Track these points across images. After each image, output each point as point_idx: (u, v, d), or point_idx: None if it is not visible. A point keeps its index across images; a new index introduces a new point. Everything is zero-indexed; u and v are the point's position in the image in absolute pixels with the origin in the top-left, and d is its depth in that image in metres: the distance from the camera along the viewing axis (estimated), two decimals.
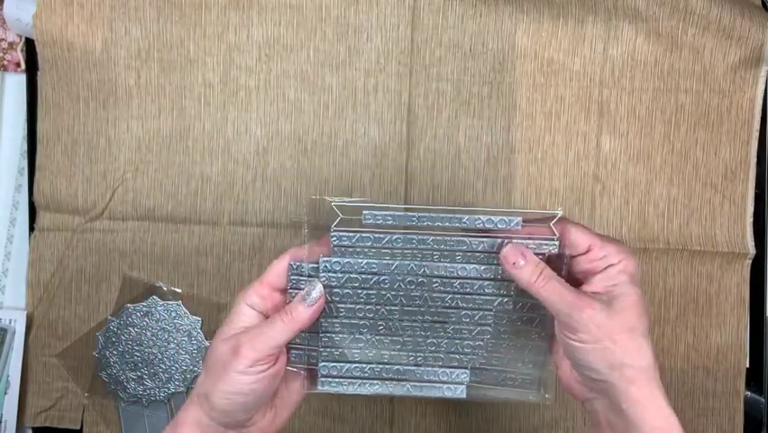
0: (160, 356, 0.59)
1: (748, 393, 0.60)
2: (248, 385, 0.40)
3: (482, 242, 0.42)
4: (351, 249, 0.43)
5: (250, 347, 0.40)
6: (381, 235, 0.43)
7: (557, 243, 0.41)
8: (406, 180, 0.60)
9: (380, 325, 0.44)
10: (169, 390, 0.59)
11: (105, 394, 0.60)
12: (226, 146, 0.60)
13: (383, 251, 0.43)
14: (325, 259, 0.43)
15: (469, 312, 0.44)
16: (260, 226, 0.60)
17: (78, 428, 0.60)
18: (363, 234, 0.43)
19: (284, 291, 0.43)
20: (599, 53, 0.59)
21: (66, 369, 0.60)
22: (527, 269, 0.40)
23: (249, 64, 0.60)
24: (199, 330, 0.60)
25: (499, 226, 0.42)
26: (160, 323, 0.59)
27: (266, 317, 0.43)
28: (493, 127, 0.60)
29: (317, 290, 0.42)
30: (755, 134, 0.60)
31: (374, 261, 0.43)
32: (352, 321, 0.44)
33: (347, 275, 0.43)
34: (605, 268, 0.40)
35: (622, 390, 0.38)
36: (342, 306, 0.44)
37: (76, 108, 0.60)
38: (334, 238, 0.43)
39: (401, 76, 0.60)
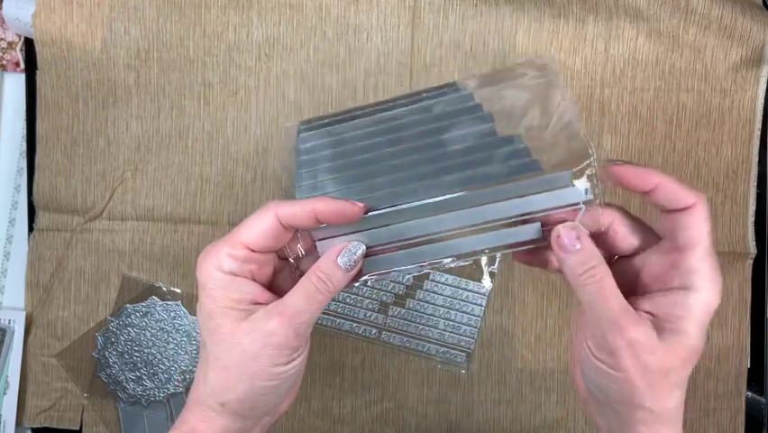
0: (159, 357, 0.59)
1: (749, 394, 0.60)
2: (288, 373, 0.33)
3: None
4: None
5: (293, 334, 0.32)
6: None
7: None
8: None
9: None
10: (169, 390, 0.59)
11: (105, 395, 0.60)
12: (226, 146, 0.60)
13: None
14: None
15: None
16: None
17: (78, 428, 0.60)
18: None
19: (262, 252, 0.35)
20: (600, 53, 0.59)
21: (65, 369, 0.60)
22: (576, 258, 0.33)
23: (249, 64, 0.59)
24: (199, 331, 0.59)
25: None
26: (159, 323, 0.59)
27: (255, 281, 0.35)
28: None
29: (359, 251, 0.33)
30: (757, 133, 0.60)
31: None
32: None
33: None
34: (677, 289, 0.32)
35: (630, 427, 0.33)
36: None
37: (75, 108, 0.60)
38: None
39: (401, 76, 0.59)
